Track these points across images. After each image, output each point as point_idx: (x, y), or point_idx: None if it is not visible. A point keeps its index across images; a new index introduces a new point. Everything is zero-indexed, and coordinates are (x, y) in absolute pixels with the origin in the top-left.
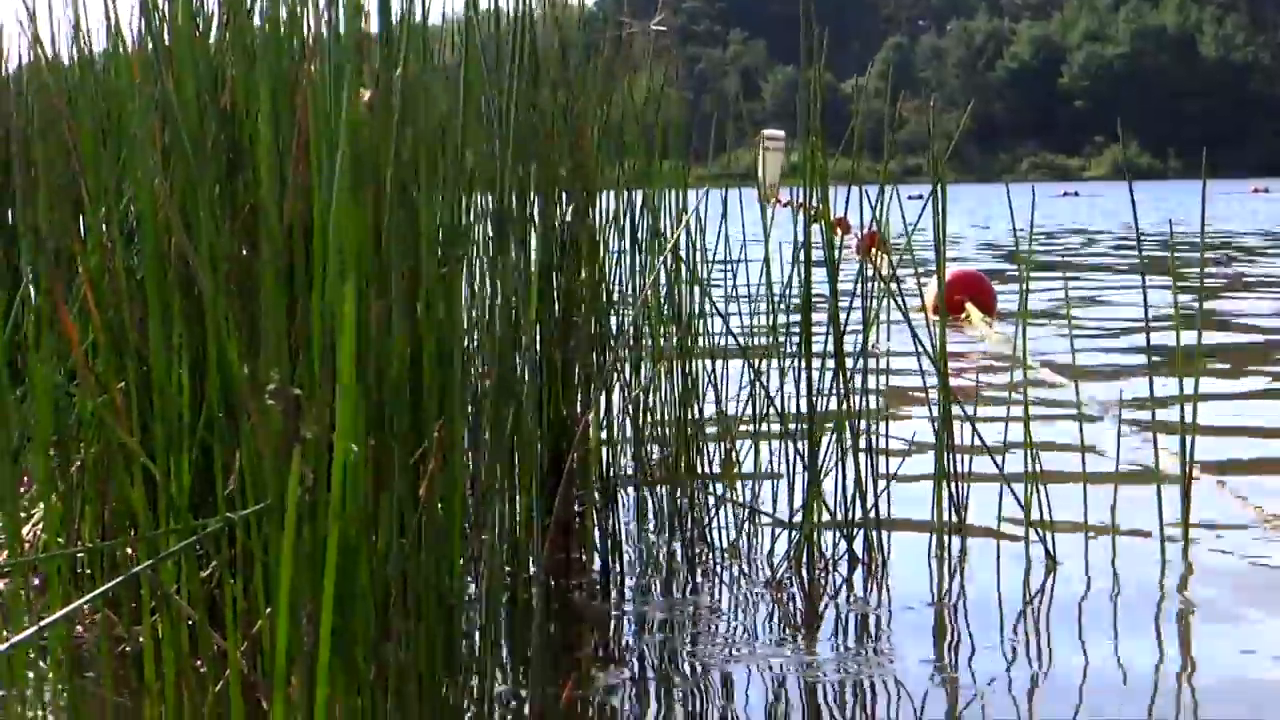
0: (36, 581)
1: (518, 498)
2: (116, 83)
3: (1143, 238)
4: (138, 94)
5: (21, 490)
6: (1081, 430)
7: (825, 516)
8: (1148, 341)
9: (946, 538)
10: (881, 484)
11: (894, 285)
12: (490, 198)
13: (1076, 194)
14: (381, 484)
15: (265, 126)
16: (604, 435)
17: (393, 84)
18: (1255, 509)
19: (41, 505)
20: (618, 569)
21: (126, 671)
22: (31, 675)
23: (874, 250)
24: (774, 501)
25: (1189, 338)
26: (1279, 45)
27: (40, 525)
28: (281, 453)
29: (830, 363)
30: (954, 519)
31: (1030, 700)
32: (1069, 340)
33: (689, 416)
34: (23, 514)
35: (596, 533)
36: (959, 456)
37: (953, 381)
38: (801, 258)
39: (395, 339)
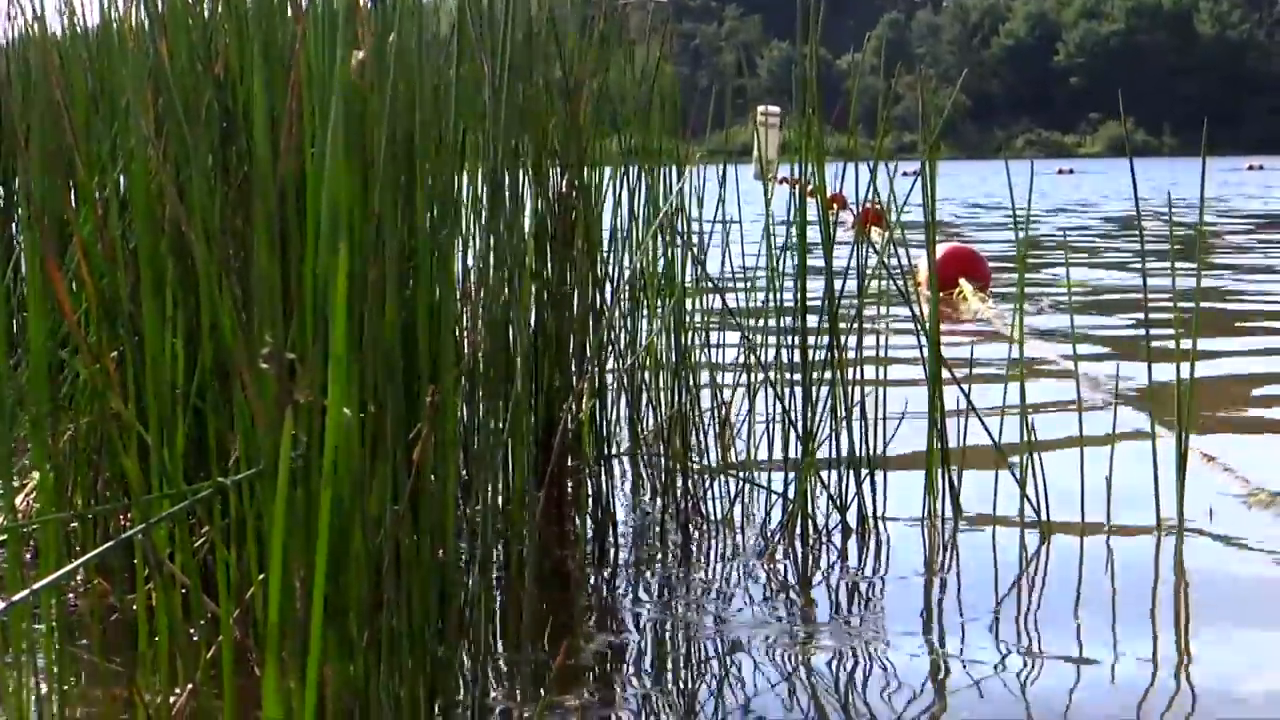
0: (30, 556)
1: (511, 464)
2: (109, 50)
3: (1140, 214)
4: (131, 61)
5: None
6: (1079, 399)
7: (819, 487)
8: (1145, 314)
9: (940, 507)
10: (875, 454)
11: (888, 259)
12: (484, 167)
13: (1072, 171)
14: (375, 449)
15: (259, 88)
16: (598, 404)
17: (386, 47)
18: (1252, 490)
19: (35, 475)
20: (611, 538)
21: (119, 638)
22: (24, 643)
23: (869, 226)
24: (768, 472)
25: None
26: (1275, 23)
27: (34, 495)
28: (275, 416)
29: (825, 326)
30: (948, 489)
31: (1024, 673)
32: (1069, 316)
33: (683, 386)
34: (15, 484)
35: (590, 502)
36: (954, 427)
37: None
38: (795, 231)
39: (388, 302)
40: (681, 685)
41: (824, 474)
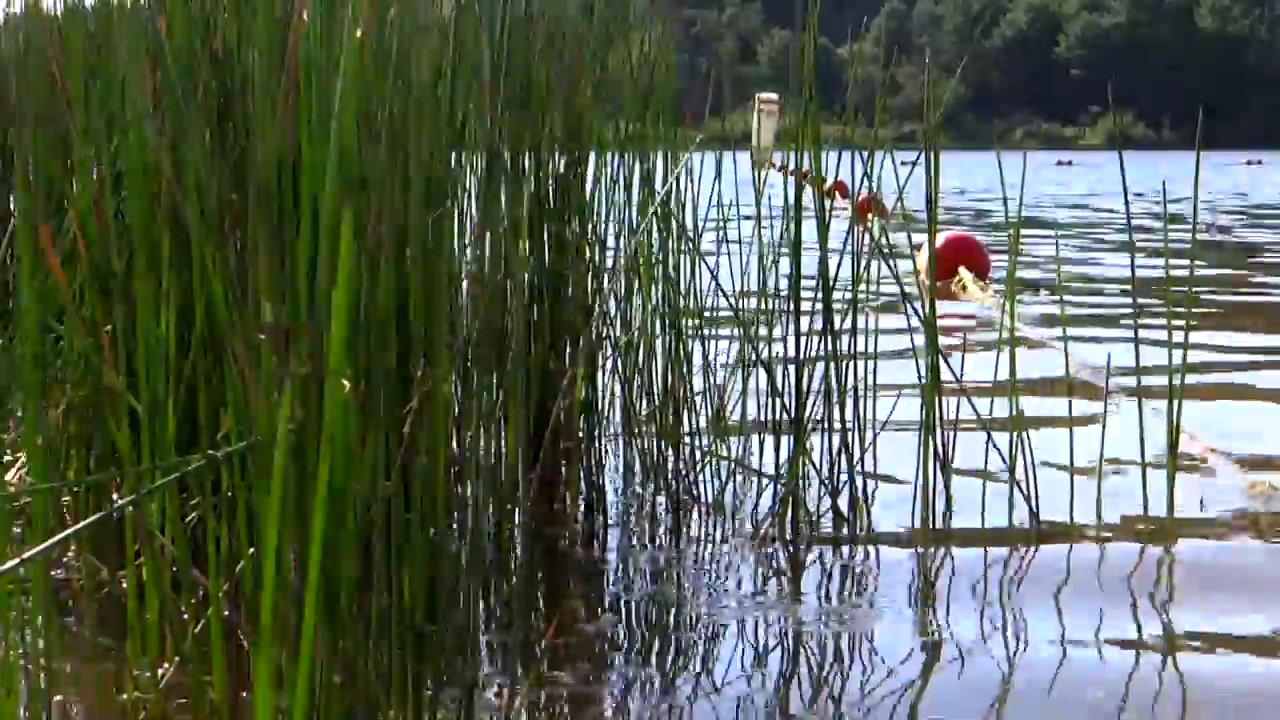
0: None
1: (504, 446)
2: (107, 25)
3: (1136, 206)
4: (129, 36)
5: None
6: (1069, 387)
7: (811, 472)
8: (1135, 304)
9: (931, 494)
10: (867, 440)
11: (886, 247)
12: (481, 150)
13: (1071, 163)
14: (368, 425)
15: (262, 62)
16: (591, 385)
17: (389, 22)
18: (1256, 484)
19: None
20: (603, 521)
21: (109, 613)
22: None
23: (868, 214)
24: (760, 457)
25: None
26: (1276, 18)
27: (25, 470)
28: (272, 389)
29: (819, 320)
30: (940, 476)
31: (1012, 662)
32: (1059, 305)
33: (677, 371)
34: (7, 458)
35: (583, 484)
36: (946, 412)
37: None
38: (793, 216)
39: (382, 277)
40: (669, 665)
41: (816, 458)
